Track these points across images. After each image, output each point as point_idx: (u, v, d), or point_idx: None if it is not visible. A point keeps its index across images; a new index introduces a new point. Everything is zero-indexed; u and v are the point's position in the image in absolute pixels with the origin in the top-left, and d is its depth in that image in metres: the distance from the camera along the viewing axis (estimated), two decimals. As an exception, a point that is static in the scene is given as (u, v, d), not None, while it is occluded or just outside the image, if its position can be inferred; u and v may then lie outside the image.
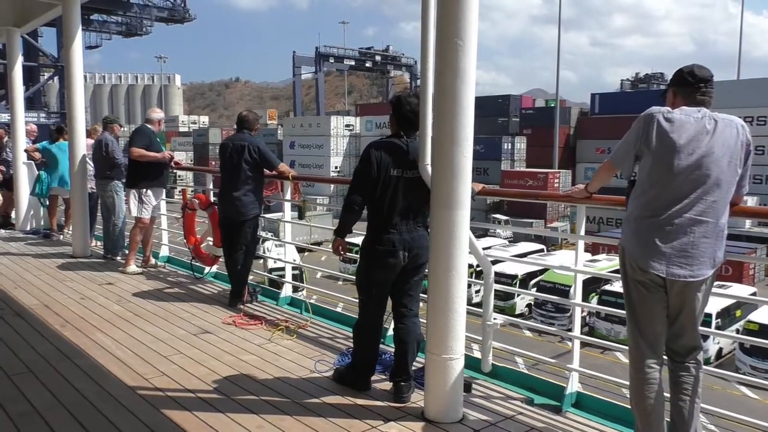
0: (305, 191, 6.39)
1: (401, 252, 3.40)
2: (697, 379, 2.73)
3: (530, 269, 24.44)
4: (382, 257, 3.41)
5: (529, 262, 24.32)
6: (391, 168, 3.39)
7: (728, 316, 20.88)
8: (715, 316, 19.58)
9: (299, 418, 3.15)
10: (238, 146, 5.19)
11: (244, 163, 5.16)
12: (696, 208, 2.57)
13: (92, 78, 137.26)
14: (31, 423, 3.08)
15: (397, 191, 3.40)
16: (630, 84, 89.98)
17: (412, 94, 3.57)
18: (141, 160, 6.39)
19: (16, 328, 4.63)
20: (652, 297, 2.67)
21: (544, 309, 23.46)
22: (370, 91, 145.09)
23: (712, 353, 19.52)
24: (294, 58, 71.90)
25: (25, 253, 7.56)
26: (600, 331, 20.82)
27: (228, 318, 4.91)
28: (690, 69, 2.73)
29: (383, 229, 3.41)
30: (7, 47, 9.55)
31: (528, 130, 48.07)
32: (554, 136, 44.00)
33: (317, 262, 28.93)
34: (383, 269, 3.45)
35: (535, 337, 20.17)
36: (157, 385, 3.58)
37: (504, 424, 3.16)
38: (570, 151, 46.40)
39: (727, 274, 24.63)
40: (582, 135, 46.46)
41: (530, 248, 29.92)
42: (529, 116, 49.94)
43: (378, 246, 3.42)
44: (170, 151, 6.73)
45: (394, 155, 3.42)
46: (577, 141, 46.82)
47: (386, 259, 3.41)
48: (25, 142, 9.21)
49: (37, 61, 49.92)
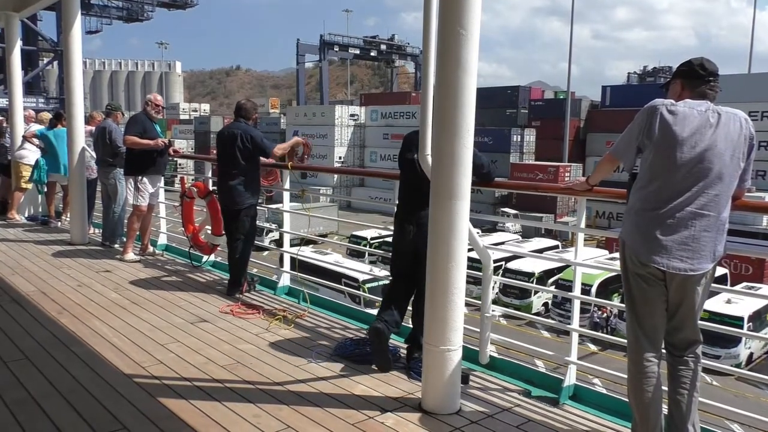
0: (308, 181, 6.45)
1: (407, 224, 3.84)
2: (695, 373, 2.77)
3: (547, 267, 24.07)
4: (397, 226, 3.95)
5: (539, 257, 24.19)
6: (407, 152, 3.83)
7: (759, 318, 20.42)
8: (747, 319, 19.21)
9: (296, 408, 3.21)
10: (232, 134, 5.26)
11: (238, 151, 5.22)
12: (698, 201, 2.60)
13: (92, 64, 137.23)
14: (27, 410, 3.13)
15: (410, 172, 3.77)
16: (637, 77, 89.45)
17: None
18: (134, 147, 6.46)
19: (13, 314, 4.71)
20: (652, 290, 2.70)
21: (562, 308, 22.66)
22: (371, 81, 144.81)
23: (743, 358, 19.24)
24: (298, 46, 71.75)
25: (23, 240, 7.64)
26: (621, 332, 20.73)
27: (225, 307, 4.98)
28: (700, 62, 2.76)
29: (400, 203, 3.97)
30: (5, 32, 9.58)
31: (537, 122, 47.86)
32: (564, 129, 43.79)
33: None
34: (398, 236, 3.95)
35: (554, 337, 20.16)
36: (154, 373, 3.64)
37: (501, 415, 3.21)
38: (580, 144, 46.21)
39: (747, 273, 24.29)
40: (592, 128, 46.24)
41: (544, 244, 29.16)
42: (538, 108, 49.68)
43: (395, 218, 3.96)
44: (165, 139, 6.75)
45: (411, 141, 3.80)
46: (588, 134, 46.62)
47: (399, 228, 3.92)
48: (24, 127, 9.28)
49: (37, 45, 50.06)
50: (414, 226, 3.77)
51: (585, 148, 45.93)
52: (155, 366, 3.75)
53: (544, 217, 36.24)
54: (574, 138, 45.97)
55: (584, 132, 46.98)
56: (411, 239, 3.78)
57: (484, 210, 37.98)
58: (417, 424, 3.08)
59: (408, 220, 3.82)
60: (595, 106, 48.66)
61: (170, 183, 9.31)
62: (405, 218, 3.85)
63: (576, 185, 3.42)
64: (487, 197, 39.12)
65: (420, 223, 3.68)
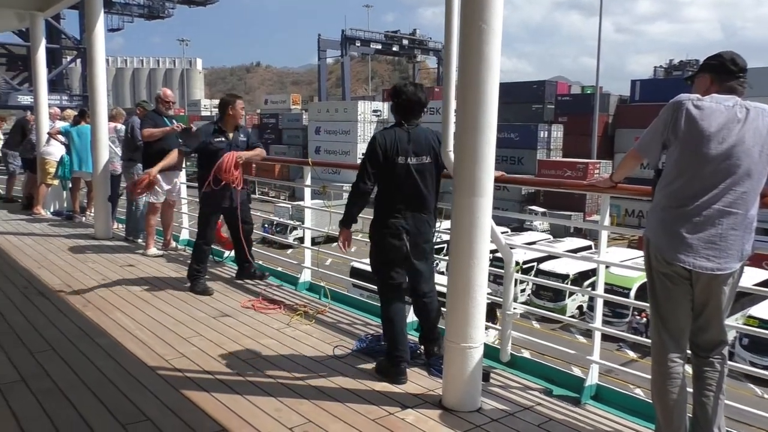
0: (330, 178, 6.55)
1: (405, 235, 3.66)
2: (722, 374, 2.74)
3: (582, 268, 23.07)
4: (387, 238, 3.68)
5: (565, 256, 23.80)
6: (396, 156, 3.62)
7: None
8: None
9: (317, 402, 3.27)
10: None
11: None
12: (725, 198, 2.57)
13: (114, 61, 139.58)
14: (53, 399, 3.24)
15: (401, 178, 3.62)
16: (663, 71, 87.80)
17: (410, 83, 3.89)
18: (151, 138, 6.63)
19: (39, 306, 4.87)
20: (677, 290, 2.69)
21: None
22: (391, 76, 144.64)
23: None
24: (319, 41, 71.90)
25: (49, 234, 7.86)
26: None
27: (247, 302, 5.08)
28: (731, 56, 2.72)
29: (388, 214, 3.67)
30: (30, 31, 9.82)
31: (564, 117, 47.30)
32: (593, 124, 43.16)
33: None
34: (390, 250, 3.69)
35: (587, 342, 19.84)
36: (177, 366, 3.74)
37: (522, 414, 3.23)
38: (608, 140, 45.47)
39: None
40: (621, 123, 45.44)
41: (577, 245, 28.14)
42: (565, 103, 49.01)
43: (383, 229, 3.69)
44: (178, 124, 6.94)
45: (398, 143, 3.64)
46: (616, 130, 45.90)
47: (391, 241, 3.67)
48: (49, 124, 9.53)
49: (60, 43, 51.02)
50: (409, 236, 3.66)
51: (614, 144, 45.24)
52: (178, 359, 3.84)
53: (573, 216, 35.54)
54: (603, 134, 45.25)
55: (613, 128, 46.27)
56: (406, 248, 3.67)
57: (510, 208, 37.63)
58: (437, 421, 3.11)
59: (406, 231, 3.65)
60: (624, 101, 47.89)
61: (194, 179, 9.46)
62: (399, 230, 3.64)
63: (599, 182, 3.41)
64: (514, 195, 38.74)
65: (419, 231, 3.67)
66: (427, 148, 3.67)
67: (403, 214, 3.65)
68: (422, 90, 3.83)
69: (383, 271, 3.75)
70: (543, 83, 52.51)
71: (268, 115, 69.19)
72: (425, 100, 3.78)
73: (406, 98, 3.72)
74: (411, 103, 3.72)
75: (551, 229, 34.66)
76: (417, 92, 3.74)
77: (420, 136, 3.69)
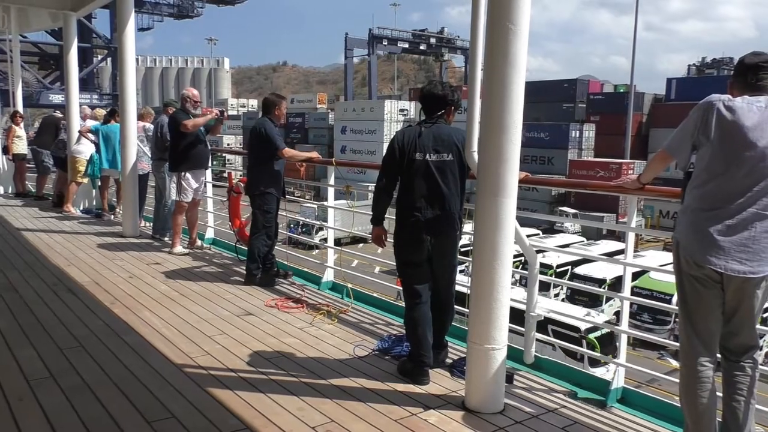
0: (355, 178, 6.68)
1: (425, 234, 3.64)
2: (753, 379, 2.71)
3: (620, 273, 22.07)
4: (408, 237, 3.69)
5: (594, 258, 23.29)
6: (414, 152, 3.63)
7: None
8: None
9: (339, 402, 3.31)
10: (253, 128, 5.86)
11: (255, 141, 5.70)
12: (760, 202, 2.54)
13: (143, 61, 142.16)
14: (82, 396, 3.33)
15: (420, 175, 3.62)
16: (696, 69, 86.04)
17: (438, 81, 3.92)
18: (195, 128, 6.60)
19: (68, 303, 5.01)
20: (708, 293, 2.67)
21: (639, 319, 20.41)
22: (417, 76, 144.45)
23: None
24: (346, 40, 72.14)
25: (78, 232, 8.07)
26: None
27: (270, 301, 5.16)
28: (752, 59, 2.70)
29: (409, 212, 3.66)
30: (64, 31, 10.08)
31: (596, 116, 46.64)
32: (627, 124, 42.47)
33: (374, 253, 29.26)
34: (411, 250, 3.70)
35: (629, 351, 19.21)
36: (201, 363, 3.82)
37: (546, 416, 3.22)
38: (642, 140, 44.71)
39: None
40: (656, 123, 44.63)
41: (613, 248, 26.51)
42: (597, 102, 48.30)
43: (404, 229, 3.70)
44: (217, 109, 7.07)
45: (417, 139, 3.65)
46: (650, 129, 45.10)
47: (412, 238, 3.67)
48: (80, 123, 9.78)
49: (91, 42, 52.24)
50: (432, 237, 3.64)
51: (647, 144, 44.44)
52: (203, 357, 3.93)
53: (605, 217, 34.83)
54: (636, 134, 44.51)
55: (647, 127, 45.48)
56: (428, 250, 3.66)
57: (540, 209, 37.21)
58: (460, 422, 3.13)
59: (426, 230, 3.62)
60: (659, 100, 47.04)
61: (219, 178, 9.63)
62: (420, 228, 3.62)
63: (627, 183, 3.39)
64: (543, 195, 38.33)
65: (440, 231, 3.64)
66: (449, 146, 3.64)
67: (423, 213, 3.63)
68: (445, 87, 3.79)
69: (406, 272, 3.77)
70: (575, 81, 51.85)
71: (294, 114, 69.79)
72: (443, 94, 3.73)
73: (424, 93, 3.78)
74: (428, 97, 3.75)
75: (584, 231, 34.10)
76: (433, 88, 3.76)
77: (443, 133, 3.66)
